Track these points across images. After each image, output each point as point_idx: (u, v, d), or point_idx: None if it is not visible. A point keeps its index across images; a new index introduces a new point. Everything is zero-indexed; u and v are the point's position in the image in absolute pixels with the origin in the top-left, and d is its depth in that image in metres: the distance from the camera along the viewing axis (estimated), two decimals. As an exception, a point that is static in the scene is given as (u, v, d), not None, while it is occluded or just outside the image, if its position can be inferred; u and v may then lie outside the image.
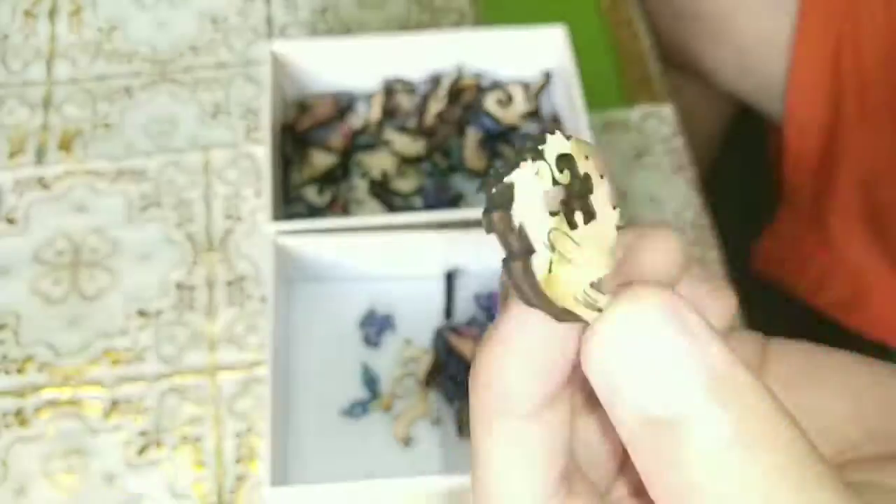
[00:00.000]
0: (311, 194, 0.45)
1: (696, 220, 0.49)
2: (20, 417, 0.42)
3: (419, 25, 0.55)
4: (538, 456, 0.14)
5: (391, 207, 0.45)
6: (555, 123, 0.49)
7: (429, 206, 0.45)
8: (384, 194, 0.46)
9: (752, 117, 0.74)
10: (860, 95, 0.55)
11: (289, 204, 0.45)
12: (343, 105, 0.49)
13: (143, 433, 0.42)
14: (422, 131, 0.48)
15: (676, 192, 0.50)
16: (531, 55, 0.48)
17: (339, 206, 0.45)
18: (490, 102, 0.48)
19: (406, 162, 0.47)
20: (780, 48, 0.58)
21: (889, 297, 0.58)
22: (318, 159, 0.47)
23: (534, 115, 0.49)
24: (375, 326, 0.43)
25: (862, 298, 0.59)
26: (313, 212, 0.45)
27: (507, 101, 0.49)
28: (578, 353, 0.13)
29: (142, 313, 0.45)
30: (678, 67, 0.70)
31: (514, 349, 0.13)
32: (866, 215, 0.58)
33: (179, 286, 0.46)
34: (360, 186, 0.46)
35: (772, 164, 0.67)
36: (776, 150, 0.64)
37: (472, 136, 0.48)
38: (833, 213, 0.59)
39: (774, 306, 0.76)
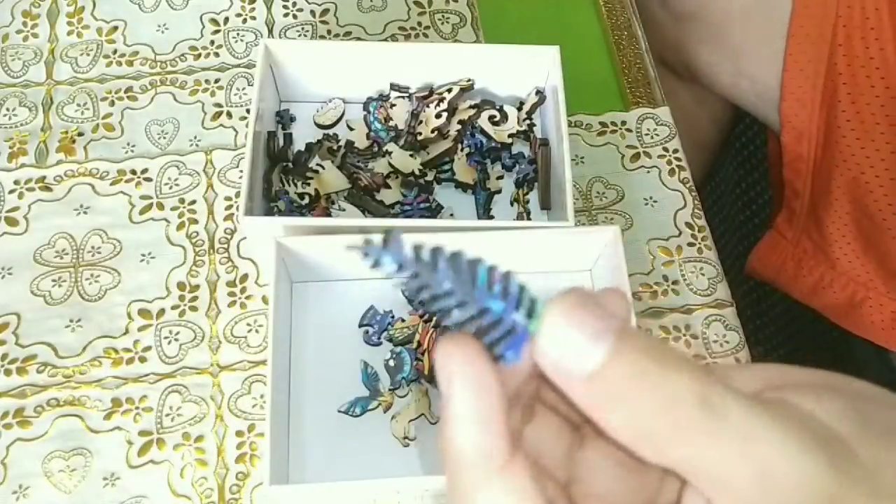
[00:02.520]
0: (293, 194, 0.46)
1: (693, 221, 0.50)
2: (20, 417, 0.42)
3: (418, 28, 0.56)
4: (531, 495, 0.17)
5: (366, 214, 0.46)
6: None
7: (406, 213, 0.46)
8: (364, 202, 0.46)
9: (749, 121, 0.75)
10: (853, 102, 0.55)
11: (272, 201, 0.45)
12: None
13: (144, 433, 0.42)
14: (415, 144, 0.48)
15: (673, 193, 0.51)
16: (526, 72, 0.48)
17: (320, 208, 0.46)
18: (484, 119, 0.49)
19: (396, 175, 0.47)
20: (775, 52, 0.58)
21: (882, 305, 0.59)
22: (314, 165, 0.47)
23: (525, 134, 0.49)
24: (375, 326, 0.44)
25: (857, 305, 0.60)
26: (294, 210, 0.45)
27: (502, 119, 0.49)
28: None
29: (143, 313, 0.45)
30: (675, 72, 0.70)
31: (463, 416, 0.16)
32: (859, 226, 0.58)
33: (181, 286, 0.46)
34: (344, 187, 0.46)
35: (770, 169, 0.67)
36: (775, 155, 0.64)
37: (463, 150, 0.48)
38: (828, 218, 0.60)
39: (774, 307, 0.76)
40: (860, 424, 0.17)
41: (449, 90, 0.48)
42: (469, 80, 0.49)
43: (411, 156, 0.48)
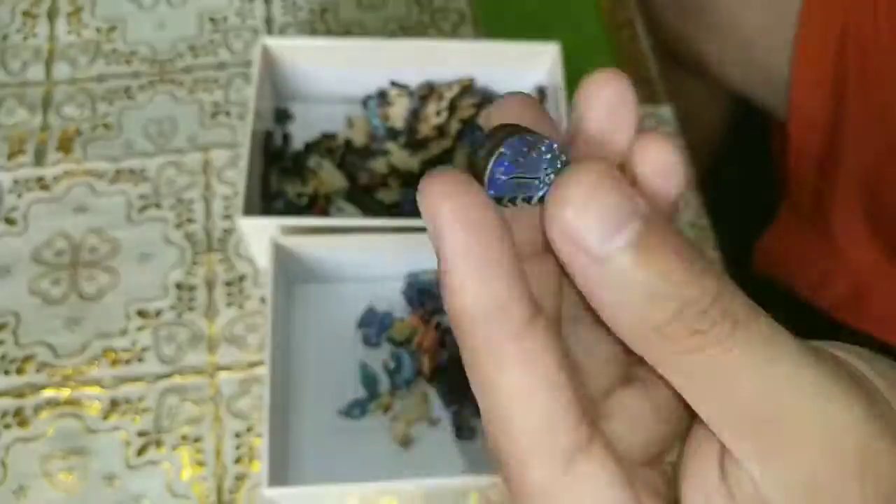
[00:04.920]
0: (291, 193, 0.45)
1: (695, 221, 0.49)
2: (20, 417, 0.42)
3: (419, 26, 0.55)
4: (552, 369, 0.14)
5: (367, 214, 0.45)
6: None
7: (405, 212, 0.45)
8: (363, 201, 0.46)
9: (754, 116, 0.74)
10: (863, 90, 0.55)
11: (270, 201, 0.45)
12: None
13: (142, 433, 0.42)
14: (415, 142, 0.47)
15: (676, 192, 0.50)
16: (526, 69, 0.48)
17: (319, 207, 0.45)
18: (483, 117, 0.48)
19: (396, 174, 0.47)
20: (784, 42, 0.58)
21: (890, 295, 0.58)
22: (313, 163, 0.47)
23: None
24: (375, 326, 0.43)
25: (862, 296, 0.59)
26: (292, 210, 0.45)
27: None
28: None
29: (141, 313, 0.45)
30: (681, 64, 0.69)
31: (480, 259, 0.13)
32: (868, 212, 0.58)
33: (179, 286, 0.46)
34: (342, 185, 0.46)
35: (774, 163, 0.67)
36: (779, 147, 0.64)
37: (462, 148, 0.48)
38: (835, 209, 0.59)
39: (775, 307, 0.76)
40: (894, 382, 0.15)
41: (449, 88, 0.48)
42: (469, 80, 0.48)
43: (411, 155, 0.47)
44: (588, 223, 0.13)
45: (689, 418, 0.17)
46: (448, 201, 0.13)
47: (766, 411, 0.13)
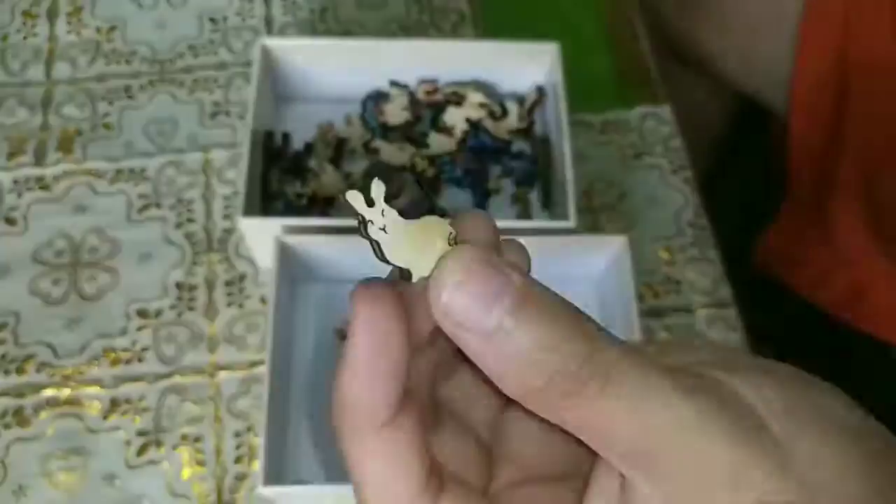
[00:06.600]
0: (291, 193, 0.45)
1: (695, 220, 0.49)
2: (20, 417, 0.42)
3: (418, 26, 0.55)
4: (404, 458, 0.17)
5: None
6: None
7: (405, 213, 0.45)
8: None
9: (755, 114, 0.74)
10: (866, 84, 0.55)
11: (270, 201, 0.45)
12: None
13: (142, 433, 0.42)
14: (413, 139, 0.47)
15: (675, 192, 0.50)
16: (525, 69, 0.48)
17: (319, 207, 0.45)
18: (484, 115, 0.48)
19: (392, 170, 0.47)
20: (786, 35, 0.58)
21: (889, 294, 0.58)
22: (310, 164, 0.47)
23: (526, 132, 0.49)
24: (374, 326, 0.43)
25: (862, 295, 0.59)
26: (292, 210, 0.45)
27: (501, 115, 0.48)
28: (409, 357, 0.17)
29: (141, 313, 0.45)
30: (681, 61, 0.69)
31: (359, 367, 0.16)
32: (868, 209, 0.58)
33: (179, 286, 0.46)
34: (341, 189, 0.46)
35: (775, 161, 0.67)
36: (779, 144, 0.64)
37: (464, 151, 0.48)
38: (835, 206, 0.59)
39: (775, 306, 0.76)
40: (780, 400, 0.16)
41: (454, 93, 0.48)
42: (476, 85, 0.49)
43: (411, 155, 0.47)
44: (464, 302, 0.15)
45: None
46: (360, 308, 0.16)
47: (644, 447, 0.16)
